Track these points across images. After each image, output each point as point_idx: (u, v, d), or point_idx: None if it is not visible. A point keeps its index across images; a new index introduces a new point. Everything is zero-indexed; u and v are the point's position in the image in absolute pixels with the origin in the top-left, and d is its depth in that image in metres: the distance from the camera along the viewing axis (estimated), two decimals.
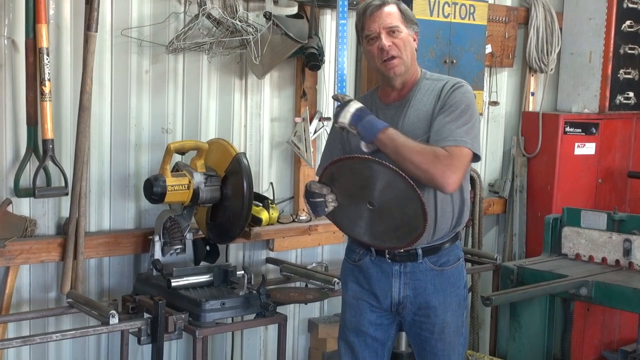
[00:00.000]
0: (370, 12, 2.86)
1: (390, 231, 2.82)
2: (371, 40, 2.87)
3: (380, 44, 2.83)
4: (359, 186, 2.78)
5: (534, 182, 5.30)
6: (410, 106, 2.88)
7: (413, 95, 2.90)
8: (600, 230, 4.35)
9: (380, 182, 2.73)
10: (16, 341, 3.09)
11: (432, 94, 2.87)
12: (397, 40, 2.84)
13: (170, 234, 3.66)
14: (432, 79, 2.95)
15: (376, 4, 2.86)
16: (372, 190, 2.75)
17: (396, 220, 2.79)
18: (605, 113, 5.28)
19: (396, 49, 2.84)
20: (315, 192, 2.79)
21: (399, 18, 2.86)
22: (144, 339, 3.21)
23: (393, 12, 2.86)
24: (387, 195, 2.74)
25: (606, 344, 5.09)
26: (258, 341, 4.34)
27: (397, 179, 2.69)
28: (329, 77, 4.32)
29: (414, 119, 2.85)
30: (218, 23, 3.79)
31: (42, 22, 3.34)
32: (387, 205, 2.76)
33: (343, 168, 2.78)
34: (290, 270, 4.01)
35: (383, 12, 2.85)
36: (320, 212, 2.84)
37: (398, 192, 2.71)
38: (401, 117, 2.88)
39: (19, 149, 3.49)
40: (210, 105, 4.03)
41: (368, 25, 2.86)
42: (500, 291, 4.18)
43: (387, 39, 2.83)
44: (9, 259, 3.43)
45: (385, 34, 2.84)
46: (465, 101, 2.82)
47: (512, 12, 5.14)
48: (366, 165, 2.73)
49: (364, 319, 3.03)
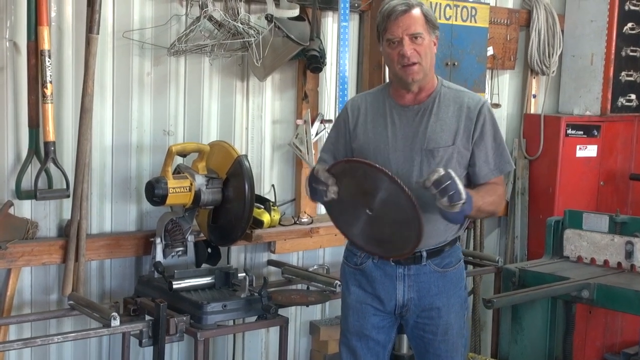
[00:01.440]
0: (395, 17, 2.80)
1: (378, 240, 2.86)
2: (392, 44, 2.83)
3: (402, 50, 2.80)
4: (364, 190, 2.77)
5: (535, 184, 5.29)
6: (433, 114, 2.88)
7: (434, 103, 2.90)
8: (602, 233, 4.34)
9: (386, 196, 2.73)
10: (17, 343, 3.10)
11: (454, 107, 2.90)
12: (420, 47, 2.81)
13: (171, 236, 3.66)
14: (451, 88, 2.96)
15: (402, 9, 2.80)
16: (374, 199, 2.75)
17: (386, 235, 2.82)
18: (607, 115, 5.27)
19: (417, 55, 2.81)
20: (320, 180, 2.77)
21: (423, 24, 2.82)
22: (145, 341, 3.21)
23: (418, 17, 2.81)
24: (387, 210, 2.75)
25: (608, 347, 5.08)
26: (259, 343, 4.34)
27: (408, 204, 2.68)
28: (331, 80, 4.32)
29: (438, 129, 2.86)
30: (219, 25, 3.79)
31: (44, 24, 3.35)
32: (383, 218, 2.78)
33: (356, 169, 2.77)
34: (292, 272, 4.01)
35: (408, 18, 2.80)
36: (318, 199, 2.85)
37: (399, 212, 2.72)
38: (422, 123, 2.88)
39: (20, 151, 3.49)
40: (211, 107, 4.03)
41: (391, 29, 2.81)
42: (502, 294, 4.18)
43: (409, 45, 2.80)
44: (11, 261, 3.43)
45: (408, 40, 2.80)
46: (495, 122, 2.94)
47: (513, 15, 5.13)
48: (380, 176, 2.71)
49: (367, 323, 3.02)
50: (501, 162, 2.94)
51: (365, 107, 3.00)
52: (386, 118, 2.93)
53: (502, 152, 2.94)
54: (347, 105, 3.08)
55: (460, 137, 2.87)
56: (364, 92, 3.25)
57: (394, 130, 2.91)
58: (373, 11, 4.39)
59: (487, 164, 2.92)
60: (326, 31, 4.32)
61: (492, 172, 2.93)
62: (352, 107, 3.04)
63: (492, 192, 2.90)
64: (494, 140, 2.92)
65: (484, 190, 2.88)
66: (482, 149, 2.90)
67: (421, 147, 2.86)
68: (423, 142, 2.86)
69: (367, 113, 2.98)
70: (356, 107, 3.03)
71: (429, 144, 2.85)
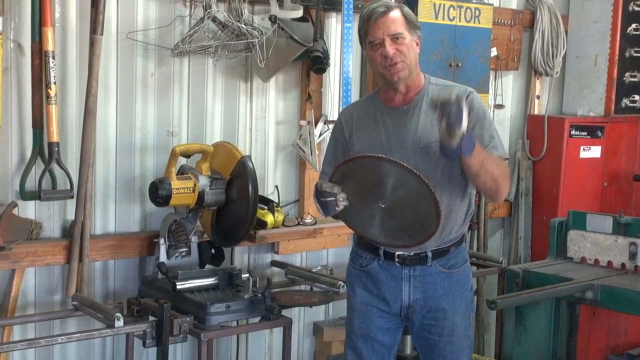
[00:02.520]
0: (374, 19, 2.83)
1: (401, 229, 2.83)
2: (375, 47, 2.85)
3: (384, 51, 2.82)
4: (371, 185, 2.77)
5: (539, 185, 5.29)
6: (422, 111, 2.88)
7: (421, 100, 2.90)
8: (605, 234, 4.34)
9: (392, 180, 2.73)
10: (21, 344, 3.10)
11: None
12: (401, 46, 2.83)
13: (175, 237, 3.66)
14: (438, 84, 2.96)
15: (380, 10, 2.83)
16: (384, 189, 2.75)
17: (408, 219, 2.79)
18: (611, 116, 5.27)
19: (400, 54, 2.82)
20: (326, 192, 2.78)
21: (403, 24, 2.84)
22: (149, 341, 3.21)
23: (397, 18, 2.84)
24: (399, 194, 2.74)
25: (612, 348, 5.08)
26: (263, 344, 4.34)
27: (410, 177, 2.69)
28: (334, 80, 4.32)
29: (429, 125, 2.85)
30: (223, 26, 3.79)
31: (48, 25, 3.35)
32: (399, 204, 2.76)
33: (355, 167, 2.77)
34: (295, 273, 4.01)
35: (387, 19, 2.82)
36: (331, 211, 2.83)
37: (410, 190, 2.71)
38: (412, 121, 2.89)
39: (24, 152, 3.50)
40: (215, 108, 4.04)
41: (372, 31, 2.84)
42: (506, 295, 4.18)
43: (391, 46, 2.81)
44: (15, 261, 3.44)
45: (390, 40, 2.81)
46: (485, 110, 2.91)
47: (517, 15, 5.13)
48: (379, 164, 2.73)
49: (373, 325, 3.01)
50: (496, 147, 2.87)
51: (358, 115, 3.02)
52: (378, 122, 2.95)
53: (495, 139, 2.88)
54: (340, 117, 3.12)
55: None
56: (355, 101, 3.26)
57: (387, 132, 2.92)
58: None
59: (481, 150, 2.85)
60: (330, 32, 4.32)
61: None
62: (344, 118, 3.07)
63: (500, 161, 2.84)
64: (484, 127, 2.87)
65: (491, 155, 2.82)
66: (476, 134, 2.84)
67: (414, 146, 2.86)
68: (415, 140, 2.86)
69: (359, 121, 3.00)
70: (348, 116, 3.05)
71: (421, 141, 2.85)
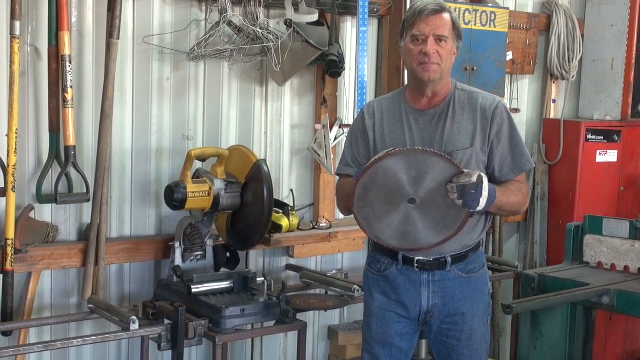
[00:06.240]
0: (426, 14, 2.81)
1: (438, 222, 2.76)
2: (417, 41, 2.83)
3: (425, 48, 2.80)
4: (393, 188, 2.71)
5: (555, 189, 5.27)
6: (449, 117, 2.88)
7: (449, 106, 2.90)
8: (622, 239, 4.32)
9: (416, 171, 2.68)
10: (38, 346, 3.11)
11: (469, 109, 2.89)
12: (442, 50, 2.82)
13: (190, 241, 3.67)
14: (465, 90, 2.95)
15: (434, 8, 2.82)
16: (411, 184, 2.70)
17: (441, 207, 2.73)
18: (628, 120, 5.24)
19: (438, 57, 2.82)
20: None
21: (450, 29, 2.84)
22: (164, 345, 3.22)
23: (447, 21, 2.83)
24: (425, 185, 2.69)
25: (629, 354, 5.04)
26: (278, 348, 4.34)
27: (430, 159, 2.66)
28: (349, 84, 4.32)
29: (455, 132, 2.86)
30: (239, 30, 3.80)
31: (65, 29, 3.37)
32: (428, 195, 2.70)
33: (374, 174, 2.71)
34: (310, 277, 4.01)
35: (438, 18, 2.81)
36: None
37: (434, 174, 2.67)
38: (439, 127, 2.88)
39: (41, 156, 3.52)
40: (230, 112, 4.04)
41: (419, 25, 2.82)
42: (521, 299, 4.16)
43: (433, 46, 2.80)
44: (31, 264, 3.46)
45: (433, 40, 2.80)
46: (512, 120, 2.93)
47: (533, 19, 5.12)
48: (399, 158, 2.67)
49: (391, 330, 3.00)
50: (521, 160, 2.92)
51: (381, 112, 2.99)
52: (402, 122, 2.93)
53: (521, 150, 2.92)
54: (364, 110, 3.07)
55: (478, 138, 2.87)
56: (379, 97, 3.25)
57: (411, 134, 2.90)
58: (392, 16, 4.40)
59: (506, 162, 2.90)
60: (345, 36, 4.33)
61: (512, 170, 2.91)
62: (368, 111, 3.03)
63: (518, 191, 2.89)
64: (512, 138, 2.91)
65: (510, 190, 2.87)
66: (501, 148, 2.89)
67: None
68: (441, 146, 2.84)
69: (382, 117, 2.97)
70: (372, 111, 3.02)
71: (447, 148, 2.84)
